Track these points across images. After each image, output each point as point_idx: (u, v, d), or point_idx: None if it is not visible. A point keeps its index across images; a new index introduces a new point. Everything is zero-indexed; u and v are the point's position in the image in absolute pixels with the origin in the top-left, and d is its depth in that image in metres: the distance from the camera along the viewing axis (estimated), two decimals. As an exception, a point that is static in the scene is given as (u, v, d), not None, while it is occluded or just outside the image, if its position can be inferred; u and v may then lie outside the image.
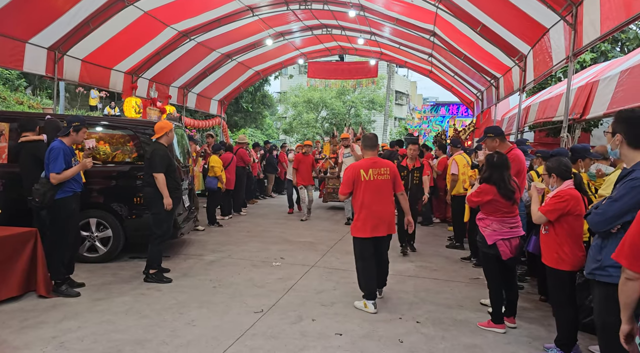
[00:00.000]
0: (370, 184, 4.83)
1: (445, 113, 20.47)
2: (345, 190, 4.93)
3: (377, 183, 4.85)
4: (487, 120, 12.58)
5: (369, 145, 5.00)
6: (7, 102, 13.93)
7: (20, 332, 4.03)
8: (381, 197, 4.86)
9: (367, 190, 4.84)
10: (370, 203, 4.82)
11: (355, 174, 4.86)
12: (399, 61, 16.11)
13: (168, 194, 5.59)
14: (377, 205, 4.83)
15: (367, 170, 4.84)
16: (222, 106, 17.10)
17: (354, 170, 4.88)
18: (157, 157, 5.57)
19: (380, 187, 4.86)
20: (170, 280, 5.62)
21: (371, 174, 4.84)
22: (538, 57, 7.74)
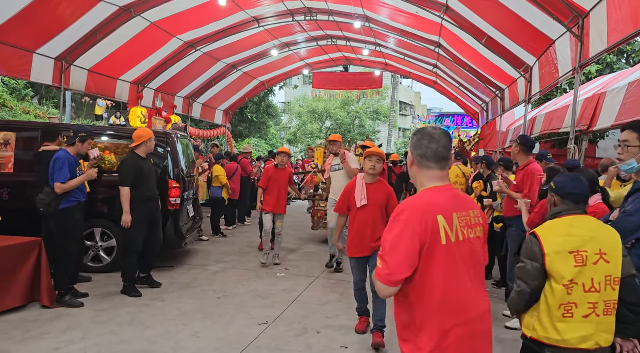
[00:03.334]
0: (455, 250, 1.92)
1: (450, 124, 20.48)
2: (400, 271, 1.85)
3: (468, 247, 1.96)
4: (492, 132, 12.55)
5: (434, 155, 1.99)
6: (14, 112, 14.01)
7: (24, 343, 4.00)
8: (475, 278, 1.98)
9: (450, 264, 1.90)
10: (458, 301, 1.91)
11: (428, 229, 1.87)
12: (404, 72, 16.15)
13: (128, 210, 5.28)
14: (470, 302, 1.94)
15: (450, 218, 1.93)
16: (227, 116, 17.15)
17: (425, 220, 1.88)
18: (123, 169, 5.38)
19: (472, 254, 1.98)
20: (140, 295, 5.38)
21: (457, 227, 1.93)
22: (544, 69, 7.73)
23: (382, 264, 1.86)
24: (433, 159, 1.96)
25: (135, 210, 5.35)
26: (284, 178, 7.16)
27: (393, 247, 1.84)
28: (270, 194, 7.09)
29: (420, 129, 2.07)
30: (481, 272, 2.00)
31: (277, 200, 7.07)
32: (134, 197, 5.35)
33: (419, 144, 2.00)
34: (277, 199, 7.06)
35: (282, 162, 7.19)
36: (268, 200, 7.09)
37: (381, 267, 1.85)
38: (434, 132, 2.01)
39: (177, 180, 6.55)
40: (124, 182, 5.33)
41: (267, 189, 7.11)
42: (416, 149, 2.02)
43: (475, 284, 1.93)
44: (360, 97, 23.52)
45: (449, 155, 2.00)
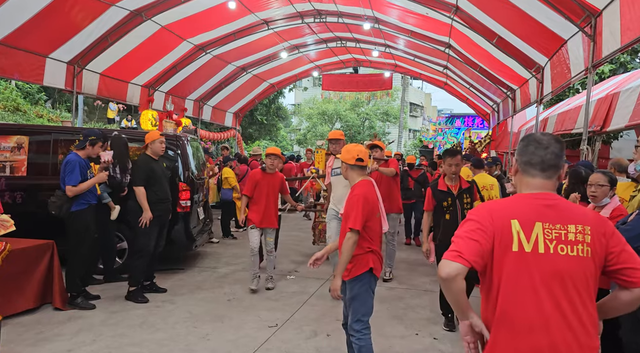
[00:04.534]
0: (530, 261, 1.73)
1: (460, 125, 20.36)
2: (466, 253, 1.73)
3: (552, 263, 1.73)
4: (503, 132, 12.47)
5: (541, 162, 1.84)
6: (27, 115, 14.20)
7: (36, 344, 4.04)
8: (562, 301, 1.72)
9: (521, 274, 1.73)
10: (521, 317, 1.73)
11: (497, 230, 1.76)
12: (414, 73, 16.10)
13: (147, 207, 5.32)
14: (540, 325, 1.71)
15: (529, 226, 1.75)
16: (237, 118, 17.21)
17: (494, 221, 1.78)
18: (137, 169, 5.44)
19: (560, 272, 1.72)
20: (146, 300, 5.31)
21: (539, 237, 1.74)
22: (556, 69, 7.65)
23: (452, 246, 1.74)
24: (539, 167, 1.82)
25: None
26: (274, 184, 5.97)
27: (461, 237, 1.75)
28: (257, 204, 5.89)
29: (527, 135, 1.93)
30: (580, 298, 1.70)
31: (265, 211, 5.88)
32: (148, 197, 5.39)
33: (525, 150, 1.86)
34: (265, 210, 5.87)
35: (272, 165, 5.92)
36: (254, 211, 5.90)
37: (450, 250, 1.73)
38: (542, 137, 1.86)
39: (187, 182, 6.57)
40: (137, 181, 5.39)
41: (252, 198, 5.93)
42: (521, 155, 1.87)
43: (562, 308, 1.69)
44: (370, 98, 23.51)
45: (559, 162, 1.83)
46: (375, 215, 3.36)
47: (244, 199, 6.07)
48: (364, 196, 3.27)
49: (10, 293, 4.54)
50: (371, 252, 3.29)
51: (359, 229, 3.20)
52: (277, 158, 5.97)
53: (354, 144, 3.61)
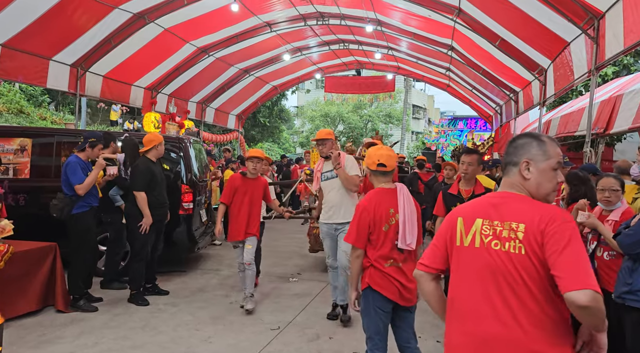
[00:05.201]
0: (467, 255, 1.86)
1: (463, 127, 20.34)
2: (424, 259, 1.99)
3: (485, 257, 1.80)
4: (506, 134, 12.44)
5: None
6: (30, 118, 14.25)
7: (38, 347, 4.04)
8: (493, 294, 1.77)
9: (461, 267, 1.88)
10: (462, 308, 1.85)
11: (448, 228, 1.95)
12: (417, 75, 16.09)
13: (149, 213, 5.27)
14: (476, 316, 1.79)
15: (470, 222, 1.87)
16: (240, 121, 17.24)
17: (448, 220, 1.98)
18: (137, 173, 5.35)
19: (492, 266, 1.77)
20: (147, 303, 5.28)
21: (477, 232, 1.84)
22: (559, 71, 7.63)
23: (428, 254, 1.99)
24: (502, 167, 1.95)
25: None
26: (256, 191, 5.25)
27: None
28: (237, 213, 5.12)
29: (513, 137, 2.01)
30: (514, 294, 1.69)
31: (246, 221, 5.12)
32: (148, 201, 5.35)
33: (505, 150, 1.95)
34: (245, 220, 5.11)
35: (254, 169, 5.22)
36: (234, 221, 5.14)
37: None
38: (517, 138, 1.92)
39: (190, 185, 6.58)
40: (138, 186, 5.30)
41: (231, 206, 5.17)
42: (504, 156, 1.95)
43: (493, 301, 1.71)
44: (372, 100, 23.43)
45: (511, 159, 1.85)
46: (382, 228, 3.03)
47: (220, 208, 5.22)
48: (363, 207, 3.07)
49: (13, 296, 4.54)
50: (371, 267, 3.04)
51: (355, 244, 3.04)
52: (261, 161, 5.29)
53: (376, 147, 3.38)
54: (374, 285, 3.02)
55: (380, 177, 3.18)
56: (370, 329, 3.08)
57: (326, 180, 4.89)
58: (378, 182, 3.20)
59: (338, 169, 4.70)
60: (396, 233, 3.04)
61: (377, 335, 3.06)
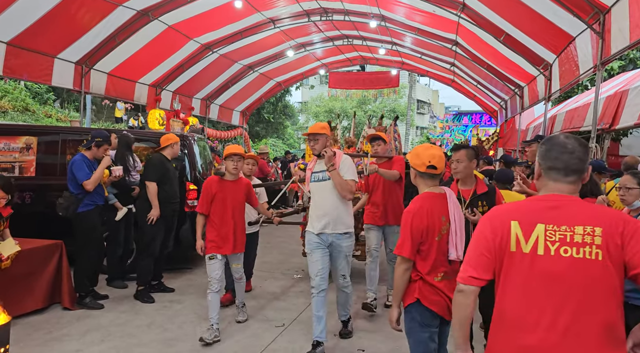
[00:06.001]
0: (528, 263, 1.74)
1: (467, 122, 20.25)
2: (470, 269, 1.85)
3: (552, 265, 1.70)
4: (511, 130, 12.39)
5: (565, 168, 1.81)
6: (36, 115, 14.31)
7: (45, 345, 4.08)
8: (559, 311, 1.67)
9: (520, 277, 1.75)
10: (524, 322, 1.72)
11: (497, 234, 1.81)
12: (421, 71, 16.03)
13: (157, 204, 5.34)
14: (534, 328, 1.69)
15: (530, 227, 1.75)
16: (244, 117, 17.24)
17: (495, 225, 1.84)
18: (151, 165, 5.48)
19: (560, 275, 1.68)
20: (152, 301, 5.30)
21: (539, 239, 1.72)
22: (564, 66, 7.59)
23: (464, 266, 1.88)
24: (563, 172, 1.79)
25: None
26: (237, 194, 4.46)
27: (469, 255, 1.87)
28: (217, 222, 4.38)
29: (550, 138, 1.88)
30: (582, 303, 1.64)
31: (229, 231, 4.38)
32: (158, 195, 5.42)
33: (548, 154, 1.82)
34: (227, 230, 4.38)
35: (234, 169, 4.39)
36: (213, 233, 4.38)
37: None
38: (567, 141, 1.80)
39: (194, 182, 6.59)
40: (150, 177, 5.41)
41: (210, 215, 4.42)
42: (544, 159, 1.83)
43: (554, 310, 1.65)
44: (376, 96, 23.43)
45: (584, 167, 1.79)
46: (435, 238, 2.72)
47: (199, 220, 4.46)
48: (414, 214, 2.69)
49: (20, 294, 4.58)
50: (420, 280, 2.71)
51: (408, 256, 2.66)
52: (242, 159, 4.51)
53: (426, 145, 2.95)
54: (424, 301, 2.70)
55: (428, 180, 2.84)
56: (419, 349, 2.77)
57: (316, 181, 4.15)
58: (425, 185, 2.85)
59: (331, 171, 3.96)
60: (447, 243, 2.77)
61: None
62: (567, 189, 1.78)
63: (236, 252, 4.49)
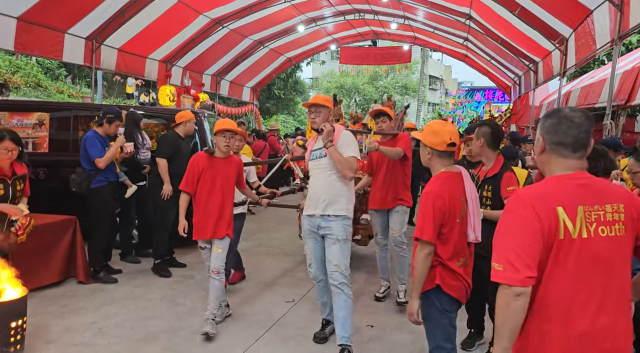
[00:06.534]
0: (580, 249, 1.66)
1: (480, 98, 19.95)
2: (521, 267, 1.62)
3: (593, 247, 1.67)
4: (524, 106, 12.21)
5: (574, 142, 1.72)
6: (48, 91, 14.37)
7: (62, 317, 4.18)
8: (601, 288, 1.67)
9: (568, 266, 1.66)
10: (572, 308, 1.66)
11: (544, 222, 1.65)
12: (433, 46, 15.78)
13: (169, 180, 5.38)
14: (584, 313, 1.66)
15: (573, 211, 1.67)
16: (255, 93, 17.17)
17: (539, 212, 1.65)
18: (163, 141, 5.51)
19: (599, 255, 1.68)
20: (169, 275, 5.39)
21: (582, 221, 1.66)
22: (580, 40, 7.41)
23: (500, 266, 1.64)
24: (571, 147, 1.70)
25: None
26: (228, 173, 4.07)
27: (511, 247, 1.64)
28: (205, 205, 3.99)
29: (556, 111, 1.78)
30: (619, 281, 1.67)
31: (220, 215, 3.97)
32: (169, 171, 5.45)
33: (556, 128, 1.72)
34: (217, 214, 3.97)
35: (225, 147, 3.98)
36: (200, 214, 3.99)
37: (501, 269, 1.63)
38: (574, 115, 1.72)
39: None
40: (161, 153, 5.46)
41: (196, 196, 4.04)
42: (550, 134, 1.72)
43: (600, 292, 1.64)
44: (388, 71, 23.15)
45: (590, 141, 1.72)
46: (456, 220, 2.60)
47: (183, 198, 4.08)
48: (435, 194, 2.54)
49: (36, 267, 4.68)
50: (440, 266, 2.59)
51: (430, 240, 2.50)
52: (234, 136, 4.08)
53: (440, 122, 2.78)
54: (444, 287, 2.59)
55: (445, 159, 2.67)
56: (439, 337, 2.66)
57: (314, 159, 3.74)
58: (442, 164, 2.67)
59: (329, 147, 3.54)
60: (466, 225, 2.67)
61: (448, 342, 2.67)
62: (580, 165, 1.73)
63: (219, 237, 3.99)
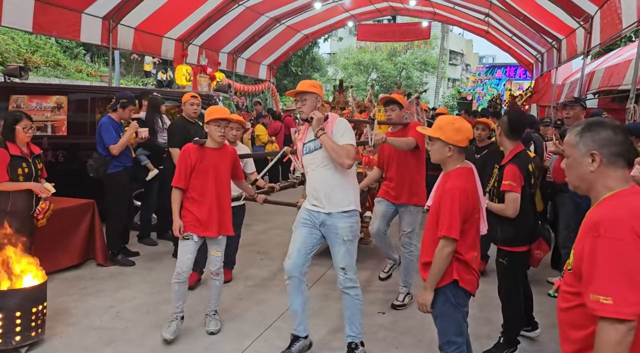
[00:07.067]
0: None
1: (501, 75, 19.44)
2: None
3: None
4: (546, 85, 11.91)
5: (625, 152, 1.73)
6: (67, 70, 14.48)
7: (81, 300, 4.31)
8: None
9: None
10: None
11: None
12: (454, 22, 15.40)
13: None
14: None
15: None
16: (271, 71, 17.06)
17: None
18: (172, 130, 5.48)
19: None
20: None
21: None
22: (606, 19, 7.15)
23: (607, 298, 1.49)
24: (624, 158, 1.66)
25: None
26: (222, 165, 3.76)
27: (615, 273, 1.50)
28: (200, 201, 3.68)
29: (601, 122, 1.70)
30: None
31: (211, 209, 3.67)
32: None
33: (614, 139, 1.64)
34: (217, 209, 3.69)
35: (220, 137, 3.67)
36: (193, 210, 3.67)
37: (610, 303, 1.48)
38: (617, 124, 1.69)
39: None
40: (173, 142, 5.44)
41: (188, 191, 3.71)
42: (609, 146, 1.63)
43: None
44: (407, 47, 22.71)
45: None
46: (475, 215, 2.65)
47: (175, 194, 3.69)
48: (463, 191, 2.57)
49: (55, 251, 4.81)
50: (457, 261, 2.60)
51: (457, 237, 2.52)
52: (228, 124, 3.83)
53: (456, 118, 2.78)
54: (461, 282, 2.61)
55: (462, 155, 2.70)
56: (451, 331, 2.67)
57: (308, 153, 3.39)
58: (458, 161, 2.68)
59: (321, 136, 3.21)
60: (479, 219, 2.72)
61: (459, 336, 2.68)
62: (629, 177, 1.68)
63: (216, 235, 3.71)
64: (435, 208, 2.65)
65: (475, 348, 3.48)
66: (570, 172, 1.77)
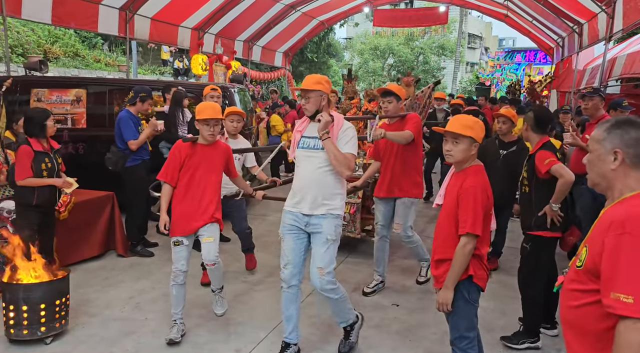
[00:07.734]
0: None
1: (520, 60, 19.01)
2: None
3: None
4: (567, 70, 11.67)
5: None
6: (86, 60, 14.66)
7: (102, 291, 4.44)
8: None
9: None
10: None
11: None
12: (472, 5, 15.13)
13: None
14: None
15: None
16: (287, 58, 17.03)
17: None
18: (192, 123, 5.49)
19: None
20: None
21: None
22: (629, 3, 6.98)
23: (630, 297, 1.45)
24: None
25: None
26: (213, 162, 3.64)
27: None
28: (182, 198, 3.57)
29: (631, 121, 1.69)
30: None
31: (199, 203, 3.56)
32: None
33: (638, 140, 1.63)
34: (198, 203, 3.56)
35: (210, 135, 3.55)
36: (180, 209, 3.57)
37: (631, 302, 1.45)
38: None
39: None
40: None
41: (177, 188, 3.59)
42: (635, 146, 1.62)
43: None
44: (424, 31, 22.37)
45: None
46: (490, 211, 2.73)
47: (165, 189, 3.60)
48: (482, 187, 2.63)
49: (77, 242, 4.95)
50: (472, 257, 2.63)
51: (480, 233, 2.57)
52: (219, 123, 3.61)
53: (470, 117, 2.80)
54: (475, 278, 2.66)
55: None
56: (463, 326, 2.72)
57: (305, 148, 3.26)
58: (474, 158, 2.73)
59: (324, 140, 3.12)
60: (491, 214, 2.77)
61: (471, 331, 2.74)
62: None
63: (202, 225, 3.56)
64: (452, 205, 2.64)
65: (489, 340, 3.53)
66: (591, 168, 1.74)
